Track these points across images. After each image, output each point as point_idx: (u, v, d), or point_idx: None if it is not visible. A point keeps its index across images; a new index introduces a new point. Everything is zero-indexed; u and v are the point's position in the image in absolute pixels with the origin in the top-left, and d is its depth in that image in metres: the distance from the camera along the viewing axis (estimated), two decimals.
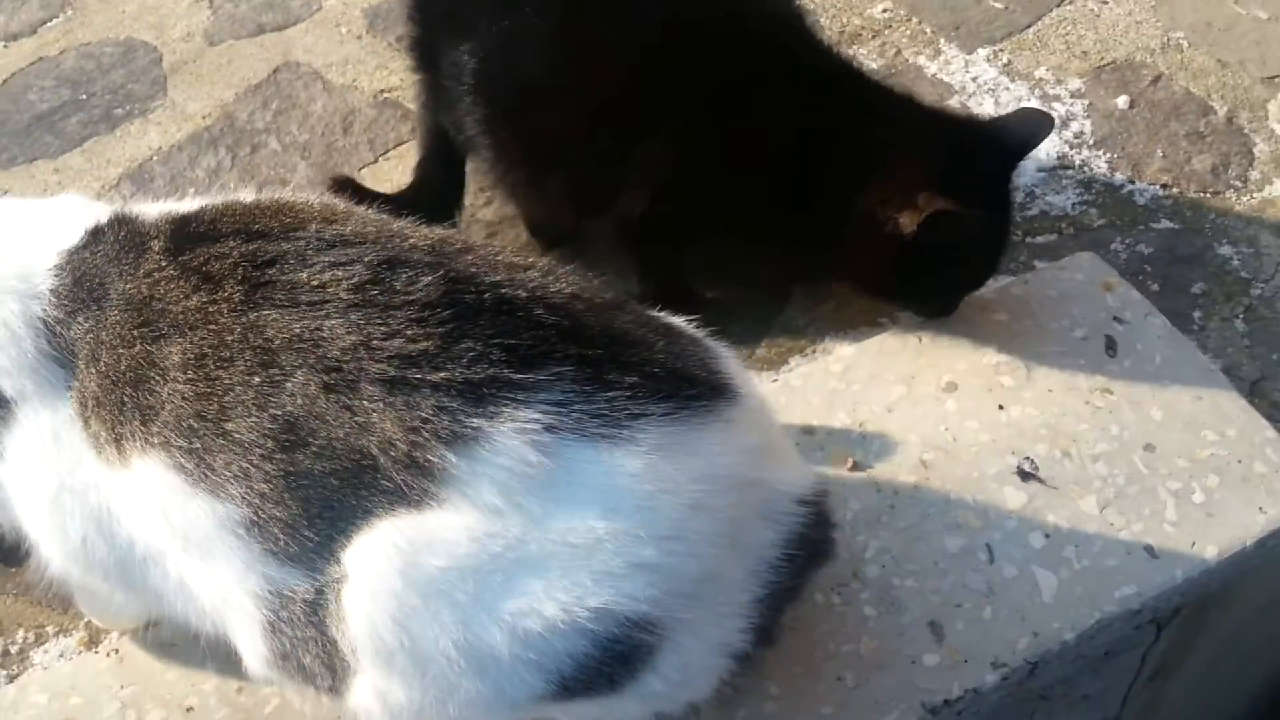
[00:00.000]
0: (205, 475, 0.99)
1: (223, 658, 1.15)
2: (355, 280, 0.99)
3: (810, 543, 1.09)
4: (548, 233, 1.76)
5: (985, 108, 1.97)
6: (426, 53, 1.64)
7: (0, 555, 1.43)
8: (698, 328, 1.17)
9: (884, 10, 2.18)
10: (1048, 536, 1.35)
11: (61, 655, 1.39)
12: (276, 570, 0.99)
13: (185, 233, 1.08)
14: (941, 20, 2.15)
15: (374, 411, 0.95)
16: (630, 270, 1.68)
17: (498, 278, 1.02)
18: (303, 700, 1.14)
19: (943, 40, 2.11)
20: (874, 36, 2.13)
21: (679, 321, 1.14)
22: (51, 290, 1.07)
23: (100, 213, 1.14)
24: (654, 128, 1.48)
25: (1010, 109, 1.95)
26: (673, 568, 0.97)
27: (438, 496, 0.94)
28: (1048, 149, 1.89)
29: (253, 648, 1.06)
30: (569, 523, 0.94)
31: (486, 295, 0.99)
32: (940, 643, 1.27)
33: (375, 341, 0.96)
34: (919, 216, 1.44)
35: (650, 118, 1.49)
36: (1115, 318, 1.56)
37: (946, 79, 2.04)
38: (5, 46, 2.37)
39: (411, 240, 1.06)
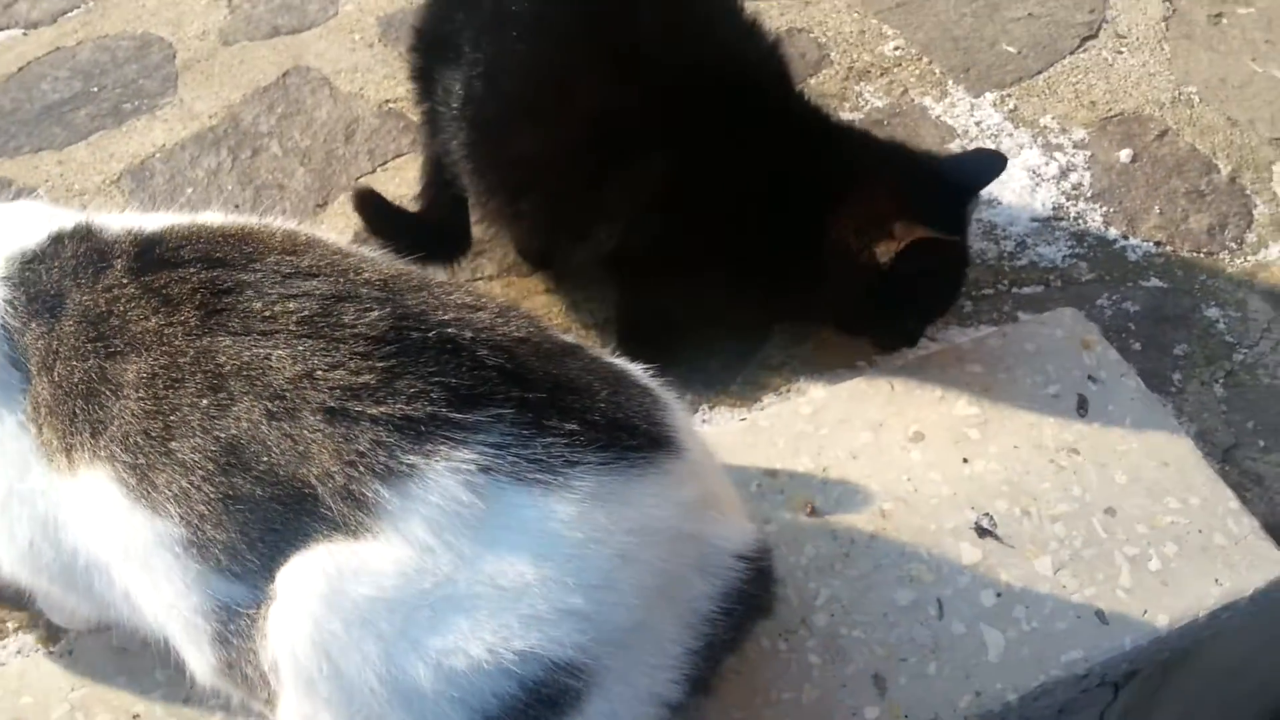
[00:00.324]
0: (146, 492, 1.01)
1: (171, 666, 1.16)
2: (305, 313, 1.01)
3: (748, 598, 1.09)
4: (532, 255, 1.77)
5: None
6: (426, 82, 1.66)
7: None
8: (662, 367, 1.19)
9: (895, 48, 2.18)
10: (999, 595, 1.34)
11: (19, 652, 1.41)
12: (223, 585, 1.00)
13: (150, 254, 1.10)
14: (952, 61, 2.15)
15: (314, 441, 0.96)
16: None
17: (446, 316, 1.03)
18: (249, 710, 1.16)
19: (951, 82, 2.11)
20: (882, 74, 2.13)
21: (632, 368, 1.15)
22: (5, 299, 1.09)
23: (63, 221, 1.15)
24: (627, 161, 1.49)
25: (1012, 156, 1.94)
26: (601, 616, 0.97)
27: (372, 529, 0.95)
28: (1044, 199, 1.88)
29: (199, 657, 1.07)
30: (498, 565, 0.95)
31: (431, 334, 1.00)
32: (882, 696, 1.27)
33: (319, 372, 0.98)
34: (897, 246, 1.45)
35: (624, 151, 1.49)
36: (1090, 376, 1.55)
37: (950, 121, 2.03)
38: (25, 34, 2.41)
39: (365, 275, 1.07)
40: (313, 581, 0.95)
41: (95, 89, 2.24)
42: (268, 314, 1.02)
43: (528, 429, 0.97)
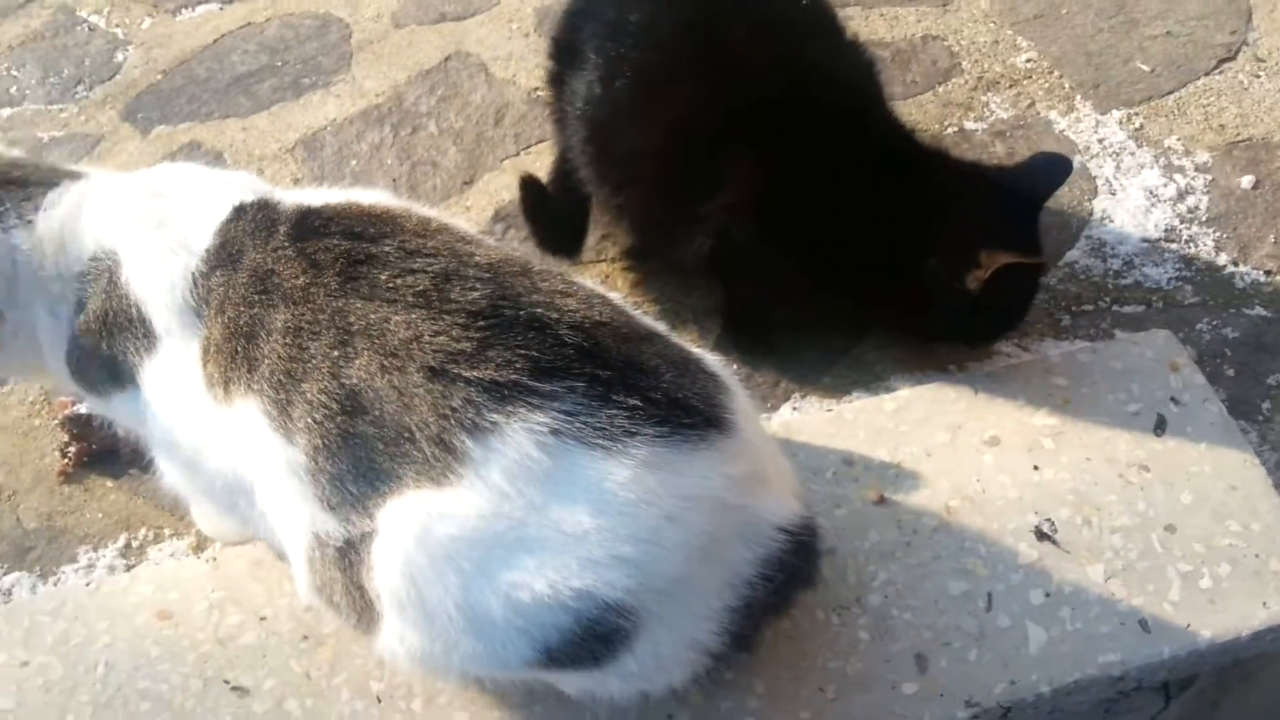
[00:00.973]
0: (284, 423, 1.19)
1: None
2: (420, 287, 1.18)
3: (789, 567, 1.21)
4: (637, 247, 1.92)
5: (1105, 170, 2.00)
6: (558, 86, 1.83)
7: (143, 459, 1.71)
8: (759, 358, 1.25)
9: (1027, 60, 2.23)
10: (1048, 595, 1.42)
11: (172, 555, 1.65)
12: (320, 514, 1.18)
13: (307, 223, 1.28)
14: (1083, 76, 2.18)
15: (416, 395, 1.13)
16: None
17: (537, 299, 1.19)
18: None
19: (1079, 97, 2.15)
20: (1011, 85, 2.18)
21: (706, 357, 1.28)
22: (205, 249, 1.29)
23: (259, 190, 1.36)
24: (717, 168, 1.62)
25: (1131, 176, 1.98)
26: (648, 566, 1.11)
27: (457, 473, 1.11)
28: (1157, 220, 1.92)
29: (301, 575, 1.26)
30: (561, 513, 1.10)
31: (523, 313, 1.16)
32: (922, 674, 1.37)
33: (426, 337, 1.14)
34: (983, 274, 1.54)
35: (714, 158, 1.62)
36: (1173, 398, 1.60)
37: (1073, 137, 2.07)
38: (221, 9, 2.66)
39: (476, 259, 1.23)
40: (407, 523, 1.12)
41: (279, 63, 2.48)
42: (391, 284, 1.19)
43: (596, 400, 1.12)
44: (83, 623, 1.52)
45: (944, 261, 1.57)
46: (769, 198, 1.61)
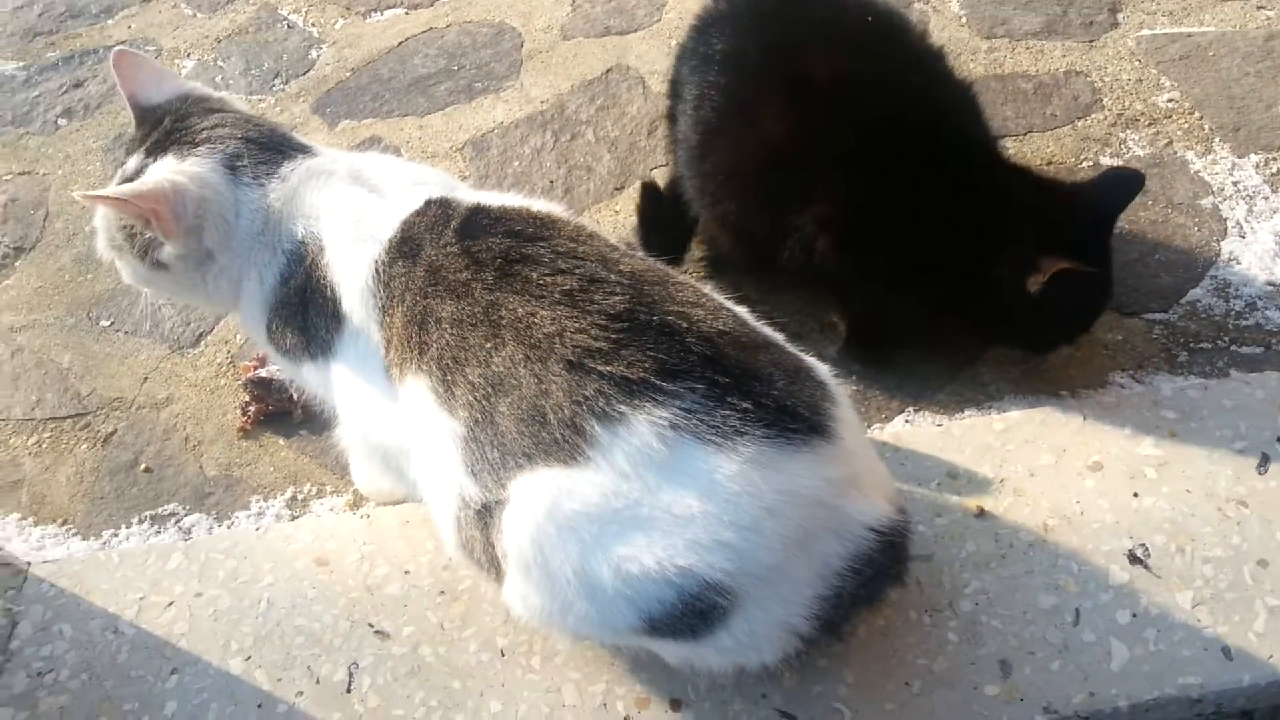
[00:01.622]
0: (449, 399, 1.35)
1: (439, 540, 1.52)
2: (568, 287, 1.33)
3: (877, 564, 1.32)
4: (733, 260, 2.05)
5: (1236, 212, 2.04)
6: (670, 120, 2.02)
7: (312, 422, 1.90)
8: (877, 370, 1.41)
9: (1169, 100, 2.26)
10: (1134, 615, 1.49)
11: (331, 509, 1.84)
12: (466, 479, 1.34)
13: (473, 221, 1.44)
14: (1224, 119, 2.21)
15: (554, 382, 1.28)
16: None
17: (670, 308, 1.32)
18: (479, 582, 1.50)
19: (1218, 139, 2.18)
20: (1150, 124, 2.22)
21: (818, 366, 1.39)
22: (389, 240, 1.45)
23: (446, 187, 1.52)
24: (802, 185, 1.75)
25: (1263, 220, 2.01)
26: (747, 552, 1.24)
27: (585, 454, 1.25)
28: None
29: (447, 535, 1.42)
30: (673, 498, 1.24)
31: (655, 319, 1.30)
32: (1005, 679, 1.46)
33: (568, 333, 1.29)
34: (1042, 277, 1.64)
35: (807, 175, 1.74)
36: (1279, 439, 1.65)
37: (1207, 178, 2.11)
38: (406, 13, 2.88)
39: (620, 266, 1.37)
40: (539, 495, 1.27)
41: (455, 67, 2.67)
42: (541, 283, 1.34)
43: (713, 401, 1.25)
44: (250, 563, 1.73)
45: (1011, 269, 1.67)
46: (853, 210, 1.73)
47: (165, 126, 1.56)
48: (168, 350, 2.15)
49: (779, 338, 1.40)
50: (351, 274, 1.45)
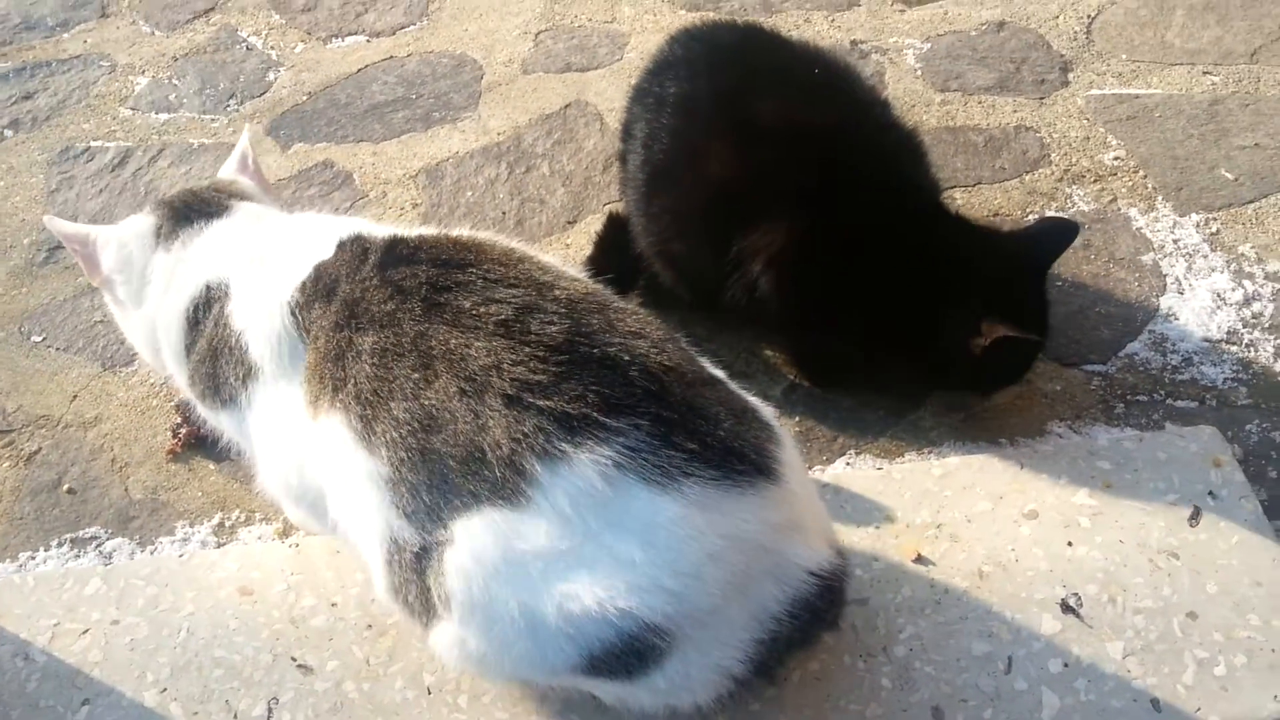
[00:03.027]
0: (368, 436, 1.30)
1: (369, 572, 1.48)
2: (502, 317, 1.29)
3: (814, 609, 1.30)
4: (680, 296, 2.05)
5: (1176, 269, 2.07)
6: (621, 161, 2.04)
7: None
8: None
9: (1115, 158, 2.30)
10: (1066, 665, 1.49)
11: (259, 538, 1.80)
12: (397, 521, 1.29)
13: (393, 252, 1.41)
14: (1167, 179, 2.25)
15: (491, 418, 1.23)
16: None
17: (613, 339, 1.28)
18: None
19: (1160, 198, 2.21)
20: (1096, 180, 2.26)
21: (762, 408, 1.38)
22: (300, 285, 1.43)
23: (346, 230, 1.50)
24: (746, 225, 1.76)
25: (1201, 277, 2.04)
26: (687, 597, 1.21)
27: (526, 495, 1.21)
28: (1221, 322, 1.97)
29: (378, 577, 1.38)
30: (616, 540, 1.20)
31: (597, 350, 1.26)
32: None
33: (505, 366, 1.25)
34: (984, 342, 1.66)
35: (743, 215, 1.76)
36: (1211, 492, 1.66)
37: (1149, 235, 2.14)
38: (368, 41, 2.88)
39: (556, 292, 1.33)
40: (488, 537, 1.22)
41: (413, 96, 2.67)
42: (474, 312, 1.30)
43: (658, 440, 1.22)
44: (172, 590, 1.69)
45: (954, 329, 1.69)
46: (794, 252, 1.74)
47: None
48: (100, 368, 2.11)
49: (721, 374, 1.39)
50: (260, 320, 1.44)
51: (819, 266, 1.74)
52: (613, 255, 2.03)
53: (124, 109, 2.73)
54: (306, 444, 1.39)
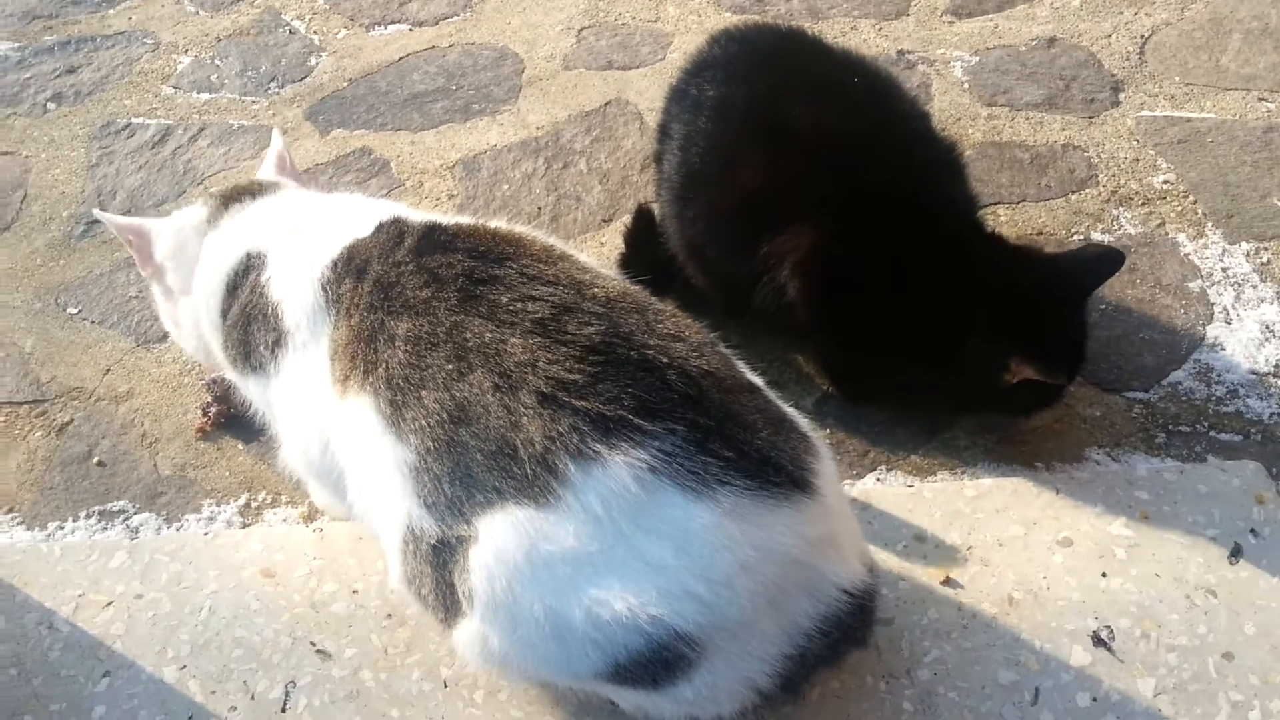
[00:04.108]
0: (397, 422, 1.29)
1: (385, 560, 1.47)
2: (539, 315, 1.27)
3: (845, 626, 1.28)
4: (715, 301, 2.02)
5: (1224, 299, 2.02)
6: (657, 161, 2.02)
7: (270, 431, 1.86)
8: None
9: (1164, 181, 2.26)
10: (1094, 699, 1.45)
11: (284, 520, 1.79)
12: (417, 510, 1.28)
13: (430, 239, 1.40)
14: (1217, 205, 2.21)
15: (525, 415, 1.22)
16: None
17: (650, 341, 1.27)
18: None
19: (1210, 224, 2.17)
20: (1144, 204, 2.22)
21: (799, 419, 1.35)
22: (333, 261, 1.43)
23: (397, 213, 1.49)
24: (776, 230, 1.74)
25: (1250, 308, 2.00)
26: (718, 606, 1.19)
27: (556, 494, 1.19)
28: (1269, 355, 1.93)
29: (393, 565, 1.36)
30: (648, 545, 1.18)
31: (634, 353, 1.25)
32: None
33: (541, 364, 1.23)
34: (1012, 378, 1.64)
35: (782, 222, 1.74)
36: (1252, 529, 1.62)
37: (1197, 261, 2.10)
38: (410, 30, 2.86)
39: (594, 291, 1.32)
40: (515, 537, 1.20)
41: (454, 87, 2.65)
42: (511, 308, 1.28)
43: (694, 446, 1.20)
44: (195, 568, 1.68)
45: (978, 356, 1.66)
46: (822, 260, 1.72)
47: None
48: (133, 343, 2.10)
49: (761, 383, 1.37)
50: (293, 292, 1.44)
51: (845, 275, 1.71)
52: (643, 251, 2.02)
53: (166, 87, 2.73)
54: (332, 421, 1.38)
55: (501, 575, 1.21)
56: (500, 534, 1.21)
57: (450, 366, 1.27)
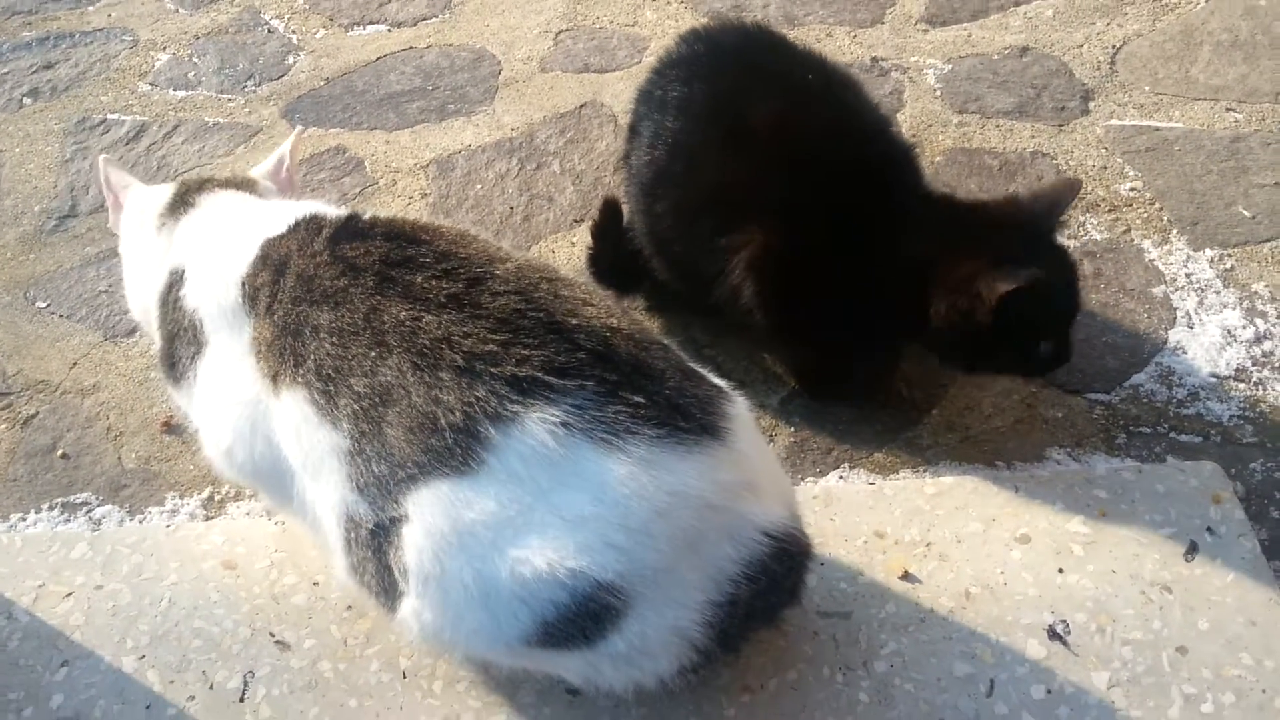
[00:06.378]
0: (330, 411, 1.31)
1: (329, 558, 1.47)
2: (451, 290, 1.31)
3: (771, 573, 1.30)
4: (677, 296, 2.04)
5: (1187, 304, 2.04)
6: (625, 160, 2.03)
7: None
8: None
9: (1131, 189, 2.28)
10: (1049, 692, 1.46)
11: (247, 513, 1.79)
12: (352, 496, 1.30)
13: (347, 228, 1.43)
14: (1183, 212, 2.23)
15: (445, 388, 1.25)
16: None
17: (560, 306, 1.31)
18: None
19: (1175, 231, 2.19)
20: (1110, 210, 2.24)
21: (708, 373, 1.38)
22: (250, 261, 1.45)
23: (314, 210, 1.51)
24: (741, 229, 1.75)
25: (1212, 313, 2.02)
26: (637, 554, 1.22)
27: (480, 458, 1.23)
28: (1230, 359, 1.95)
29: (338, 560, 1.38)
30: (565, 499, 1.22)
31: (543, 315, 1.29)
32: None
33: (455, 338, 1.27)
34: (988, 305, 1.59)
35: (740, 220, 1.75)
36: (1209, 528, 1.64)
37: (1161, 267, 2.12)
38: (389, 31, 2.88)
39: (506, 267, 1.36)
40: (441, 508, 1.24)
41: (430, 87, 2.67)
42: (425, 287, 1.32)
43: (604, 399, 1.24)
44: (156, 559, 1.68)
45: (945, 304, 1.64)
46: (776, 255, 1.73)
47: None
48: (101, 337, 2.10)
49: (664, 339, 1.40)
50: (213, 296, 1.46)
51: (797, 270, 1.72)
52: (610, 243, 2.04)
53: (143, 84, 2.74)
54: (270, 420, 1.39)
55: (429, 548, 1.24)
56: (427, 508, 1.24)
57: (373, 352, 1.30)
